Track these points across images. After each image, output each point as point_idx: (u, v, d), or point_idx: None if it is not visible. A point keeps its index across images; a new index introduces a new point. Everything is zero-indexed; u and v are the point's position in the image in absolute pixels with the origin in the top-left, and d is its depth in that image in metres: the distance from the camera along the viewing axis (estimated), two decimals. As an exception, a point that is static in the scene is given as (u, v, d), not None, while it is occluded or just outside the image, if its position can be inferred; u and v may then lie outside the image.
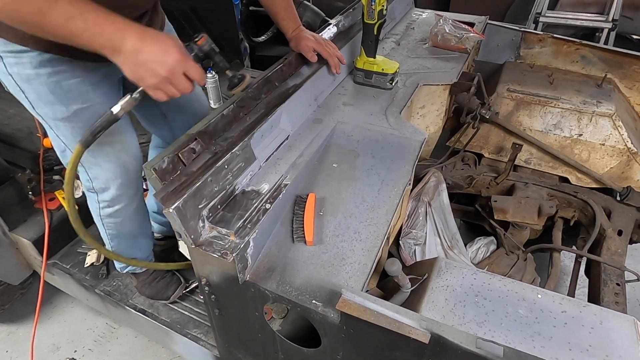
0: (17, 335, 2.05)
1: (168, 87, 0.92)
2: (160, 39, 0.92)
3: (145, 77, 0.90)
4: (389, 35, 2.02)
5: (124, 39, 0.88)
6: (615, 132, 1.67)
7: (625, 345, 0.82)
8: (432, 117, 1.74)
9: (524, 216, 1.60)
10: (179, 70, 0.92)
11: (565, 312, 0.88)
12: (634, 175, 1.70)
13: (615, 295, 1.34)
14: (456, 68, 1.74)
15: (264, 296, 0.96)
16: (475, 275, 0.97)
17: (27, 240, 1.67)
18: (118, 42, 0.88)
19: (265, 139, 1.19)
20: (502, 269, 1.54)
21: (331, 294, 0.92)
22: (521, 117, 1.80)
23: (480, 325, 0.87)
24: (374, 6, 1.41)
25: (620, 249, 1.48)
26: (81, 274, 1.67)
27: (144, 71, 0.90)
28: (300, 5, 2.35)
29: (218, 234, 0.97)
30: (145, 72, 0.90)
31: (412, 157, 1.26)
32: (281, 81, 1.36)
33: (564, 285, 2.10)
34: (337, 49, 1.53)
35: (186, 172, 0.98)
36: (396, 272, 0.97)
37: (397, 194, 1.16)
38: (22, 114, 2.07)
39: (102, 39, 0.87)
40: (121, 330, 2.03)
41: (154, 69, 0.90)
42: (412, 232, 1.46)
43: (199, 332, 1.46)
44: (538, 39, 2.08)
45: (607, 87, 1.82)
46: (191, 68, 0.94)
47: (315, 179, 1.21)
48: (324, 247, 1.03)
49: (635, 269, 1.40)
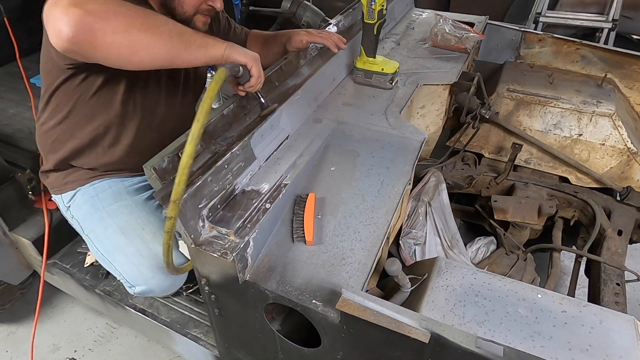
0: (17, 335, 2.05)
1: (260, 67, 1.07)
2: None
3: (249, 52, 1.04)
4: (389, 35, 2.02)
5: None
6: (615, 132, 1.67)
7: (625, 345, 0.82)
8: (432, 117, 1.74)
9: (524, 216, 1.60)
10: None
11: (565, 312, 0.88)
12: (634, 175, 1.70)
13: (615, 295, 1.34)
14: (456, 68, 1.74)
15: (264, 296, 0.96)
16: (475, 275, 0.97)
17: (27, 240, 1.67)
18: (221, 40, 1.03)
19: (265, 138, 1.19)
20: (502, 269, 1.54)
21: (331, 293, 0.92)
22: (521, 117, 1.80)
23: (480, 325, 0.87)
24: (374, 6, 1.42)
25: (620, 249, 1.48)
26: (81, 274, 1.67)
27: (246, 50, 1.05)
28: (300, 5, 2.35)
29: (218, 234, 0.97)
30: (248, 50, 1.05)
31: (412, 157, 1.26)
32: (281, 81, 1.36)
33: (564, 285, 2.10)
34: (331, 33, 1.54)
35: (186, 171, 0.98)
36: (396, 271, 0.97)
37: (397, 193, 1.16)
38: (22, 114, 2.07)
39: (211, 39, 1.01)
40: (121, 330, 2.03)
41: (251, 51, 1.06)
42: (412, 232, 1.46)
43: (199, 332, 1.45)
44: (538, 39, 2.08)
45: (607, 87, 1.82)
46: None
47: (315, 179, 1.21)
48: (323, 246, 1.03)
49: (635, 269, 1.40)
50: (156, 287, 1.32)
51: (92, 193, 1.33)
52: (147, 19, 0.91)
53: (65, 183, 1.35)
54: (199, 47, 0.97)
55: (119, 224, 1.29)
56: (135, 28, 0.89)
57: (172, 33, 0.94)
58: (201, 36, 0.99)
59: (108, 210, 1.31)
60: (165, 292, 1.45)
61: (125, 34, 0.88)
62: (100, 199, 1.32)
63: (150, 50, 0.92)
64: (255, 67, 1.05)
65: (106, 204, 1.32)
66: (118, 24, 0.87)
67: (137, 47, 0.90)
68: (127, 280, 1.32)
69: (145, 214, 1.31)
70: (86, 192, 1.34)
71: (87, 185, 1.34)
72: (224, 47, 1.00)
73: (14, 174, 1.70)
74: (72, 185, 1.34)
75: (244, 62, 1.02)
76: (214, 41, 1.01)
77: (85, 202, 1.34)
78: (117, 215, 1.31)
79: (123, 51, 0.90)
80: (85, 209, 1.34)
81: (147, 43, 0.91)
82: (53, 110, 1.25)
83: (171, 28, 0.94)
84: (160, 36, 0.92)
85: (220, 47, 1.00)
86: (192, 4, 1.14)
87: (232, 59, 1.01)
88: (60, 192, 1.36)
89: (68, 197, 1.36)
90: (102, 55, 0.91)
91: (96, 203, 1.33)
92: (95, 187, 1.34)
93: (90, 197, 1.34)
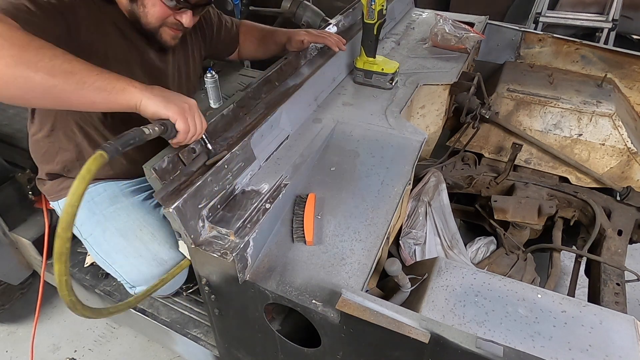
0: (17, 335, 2.05)
1: (192, 118, 0.92)
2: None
3: (174, 102, 0.90)
4: (389, 35, 2.02)
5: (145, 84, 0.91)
6: (615, 132, 1.67)
7: (625, 345, 0.82)
8: (432, 117, 1.74)
9: (524, 216, 1.60)
10: (198, 110, 0.96)
11: (565, 312, 0.88)
12: (634, 175, 1.70)
13: (615, 295, 1.34)
14: (456, 68, 1.74)
15: (264, 296, 0.96)
16: (475, 275, 0.97)
17: (27, 240, 1.67)
18: (141, 83, 0.90)
19: (265, 138, 1.19)
20: (502, 269, 1.54)
21: (331, 293, 0.92)
22: (521, 117, 1.80)
23: (480, 325, 0.87)
24: (374, 6, 1.42)
25: (620, 249, 1.48)
26: (81, 274, 1.67)
27: (173, 98, 0.91)
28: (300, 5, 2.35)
29: (218, 234, 0.97)
30: (175, 100, 0.91)
31: (412, 157, 1.26)
32: (281, 81, 1.36)
33: (564, 285, 2.09)
34: (331, 34, 1.54)
35: (186, 171, 0.98)
36: (396, 271, 0.97)
37: (397, 193, 1.16)
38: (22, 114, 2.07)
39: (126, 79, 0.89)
40: (121, 330, 2.03)
41: (182, 98, 0.93)
42: (412, 232, 1.46)
43: (199, 332, 1.45)
44: (538, 39, 2.09)
45: (607, 87, 1.82)
46: (200, 114, 0.97)
47: (315, 179, 1.21)
48: (323, 247, 1.03)
49: (635, 269, 1.40)
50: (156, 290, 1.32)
51: (88, 198, 1.32)
52: (24, 51, 0.80)
53: (60, 190, 1.35)
54: (98, 90, 0.84)
55: (117, 226, 1.29)
56: (4, 60, 0.78)
57: (55, 70, 0.81)
58: (108, 78, 0.86)
59: (105, 213, 1.31)
60: (165, 292, 1.44)
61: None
62: (97, 203, 1.32)
63: (23, 87, 0.81)
64: (181, 121, 0.89)
65: (103, 207, 1.31)
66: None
67: (5, 82, 0.80)
68: (127, 281, 1.32)
69: (143, 215, 1.31)
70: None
71: None
72: (139, 97, 0.87)
73: (14, 174, 1.70)
74: (66, 192, 1.31)
75: (166, 115, 0.88)
76: (126, 86, 0.87)
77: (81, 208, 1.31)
78: (114, 217, 1.31)
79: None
80: (83, 214, 1.33)
81: (17, 79, 0.79)
82: (39, 123, 1.24)
83: (57, 64, 0.81)
84: (35, 73, 0.79)
85: (134, 95, 0.87)
86: (156, 15, 1.10)
87: (150, 112, 0.88)
88: (57, 199, 1.36)
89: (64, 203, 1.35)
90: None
91: (92, 207, 1.32)
92: (90, 192, 1.33)
93: (86, 202, 1.33)
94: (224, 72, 2.64)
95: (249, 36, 1.60)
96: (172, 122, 0.89)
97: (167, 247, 1.26)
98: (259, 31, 1.61)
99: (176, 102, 0.90)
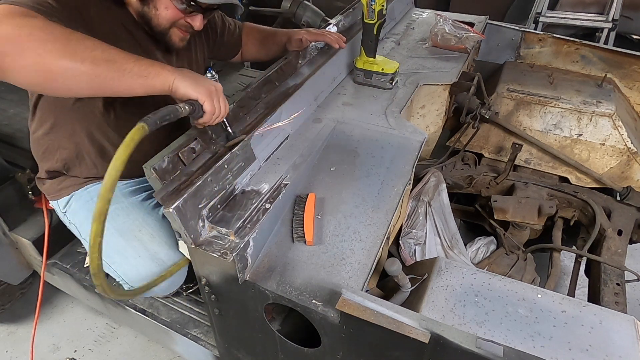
0: (17, 335, 2.05)
1: (218, 100, 0.97)
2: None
3: (203, 85, 0.94)
4: (389, 35, 2.02)
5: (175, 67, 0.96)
6: (615, 132, 1.67)
7: (625, 345, 0.82)
8: (432, 117, 1.74)
9: (524, 216, 1.60)
10: (223, 94, 1.00)
11: (565, 312, 0.88)
12: (634, 175, 1.70)
13: (615, 295, 1.34)
14: (456, 68, 1.74)
15: (264, 296, 0.96)
16: (475, 275, 0.97)
17: (27, 240, 1.66)
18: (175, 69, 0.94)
19: (265, 138, 1.19)
20: (502, 269, 1.54)
21: (331, 293, 0.92)
22: (521, 117, 1.80)
23: (480, 325, 0.87)
24: (374, 6, 1.42)
25: (620, 249, 1.48)
26: (81, 274, 1.67)
27: (201, 81, 0.95)
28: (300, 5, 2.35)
29: (218, 234, 0.97)
30: (203, 82, 0.95)
31: (412, 157, 1.26)
32: (281, 81, 1.36)
33: (564, 285, 2.09)
34: (332, 32, 1.54)
35: (186, 171, 0.98)
36: (396, 271, 0.97)
37: (397, 193, 1.16)
38: (22, 114, 2.07)
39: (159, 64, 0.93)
40: (121, 330, 2.03)
41: (209, 82, 0.97)
42: (412, 232, 1.46)
43: (199, 332, 1.45)
44: (538, 39, 2.09)
45: (607, 87, 1.82)
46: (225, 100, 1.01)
47: (315, 179, 1.21)
48: (323, 247, 1.03)
49: (635, 269, 1.40)
50: (156, 287, 1.32)
51: (87, 197, 1.33)
52: (67, 43, 0.83)
53: (59, 189, 1.35)
54: (136, 76, 0.89)
55: (116, 226, 1.29)
56: (51, 54, 0.81)
57: (98, 60, 0.85)
58: (144, 64, 0.90)
59: None
60: (165, 292, 1.44)
61: (38, 59, 0.81)
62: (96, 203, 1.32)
63: (70, 78, 0.84)
64: (208, 102, 0.94)
65: None
66: (30, 49, 0.81)
67: (53, 73, 0.83)
68: (126, 282, 1.32)
69: (142, 215, 1.31)
70: (80, 196, 1.34)
71: (80, 190, 1.33)
72: (172, 79, 0.92)
73: (14, 174, 1.70)
74: (66, 191, 1.34)
75: (195, 97, 0.93)
76: (160, 70, 0.91)
77: (81, 207, 1.34)
78: (113, 217, 1.30)
79: (36, 77, 0.84)
80: (82, 214, 1.33)
81: (65, 70, 0.83)
82: (39, 120, 1.25)
83: (99, 54, 0.86)
84: (82, 63, 0.83)
85: (168, 77, 0.92)
86: (167, 18, 1.11)
87: (180, 93, 0.92)
88: (56, 198, 1.36)
89: (63, 202, 1.36)
90: (15, 80, 0.84)
91: (92, 207, 1.30)
92: (89, 191, 1.33)
93: (85, 202, 1.33)
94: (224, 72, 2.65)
95: (251, 38, 1.61)
96: (200, 103, 0.94)
97: (166, 248, 1.26)
98: (260, 33, 1.62)
99: (205, 84, 0.95)
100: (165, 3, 1.10)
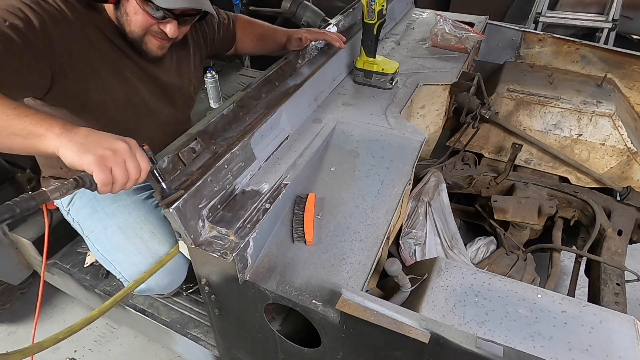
0: (17, 335, 2.05)
1: (120, 165, 0.79)
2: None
3: (92, 151, 0.77)
4: (389, 35, 2.02)
5: (73, 126, 0.82)
6: (615, 132, 1.67)
7: (625, 345, 0.82)
8: (432, 117, 1.74)
9: (524, 216, 1.60)
10: (130, 150, 0.81)
11: (565, 312, 0.88)
12: (634, 175, 1.70)
13: (615, 295, 1.34)
14: (456, 68, 1.74)
15: (264, 296, 0.96)
16: (475, 275, 0.97)
17: (27, 240, 1.66)
18: (68, 126, 0.81)
19: (265, 138, 1.19)
20: (502, 269, 1.54)
21: (331, 293, 0.92)
22: (521, 117, 1.80)
23: (480, 325, 0.87)
24: (374, 6, 1.41)
25: (620, 249, 1.48)
26: (81, 274, 1.67)
27: (92, 146, 0.78)
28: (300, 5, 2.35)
29: (218, 234, 0.97)
30: (94, 148, 0.78)
31: (412, 157, 1.26)
32: (281, 81, 1.36)
33: (564, 285, 2.09)
34: (332, 32, 1.54)
35: (186, 171, 0.98)
36: (396, 271, 0.97)
37: (397, 193, 1.16)
38: (22, 114, 2.07)
39: (48, 122, 0.81)
40: (121, 330, 2.03)
41: (107, 143, 0.79)
42: (412, 232, 1.46)
43: (199, 332, 1.45)
44: (538, 39, 2.08)
45: (607, 87, 1.82)
46: (142, 155, 0.83)
47: (315, 179, 1.21)
48: (323, 247, 1.03)
49: (635, 269, 1.40)
50: (155, 285, 1.32)
51: (90, 195, 1.33)
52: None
53: None
54: (12, 136, 0.80)
55: (118, 223, 1.29)
56: None
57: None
58: (25, 123, 0.79)
59: (107, 210, 1.32)
60: (165, 291, 1.44)
61: None
62: (99, 200, 1.33)
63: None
64: (98, 171, 0.76)
65: (104, 204, 1.32)
66: None
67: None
68: (126, 279, 1.33)
69: (144, 213, 1.31)
70: (83, 194, 1.34)
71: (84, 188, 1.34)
72: (57, 145, 0.78)
73: (14, 174, 1.70)
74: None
75: (81, 167, 0.77)
76: (44, 132, 0.79)
77: (84, 205, 1.35)
78: (115, 215, 1.31)
79: None
80: (85, 212, 1.34)
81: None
82: None
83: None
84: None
85: (51, 143, 0.79)
86: (138, 24, 1.08)
87: (67, 163, 0.79)
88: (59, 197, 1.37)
89: (67, 200, 1.36)
90: None
91: (94, 204, 1.33)
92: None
93: (88, 200, 1.34)
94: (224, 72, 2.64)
95: (247, 33, 1.59)
96: (89, 173, 0.78)
97: (167, 246, 1.26)
98: (258, 28, 1.60)
99: (95, 150, 0.77)
100: (134, 8, 1.06)
